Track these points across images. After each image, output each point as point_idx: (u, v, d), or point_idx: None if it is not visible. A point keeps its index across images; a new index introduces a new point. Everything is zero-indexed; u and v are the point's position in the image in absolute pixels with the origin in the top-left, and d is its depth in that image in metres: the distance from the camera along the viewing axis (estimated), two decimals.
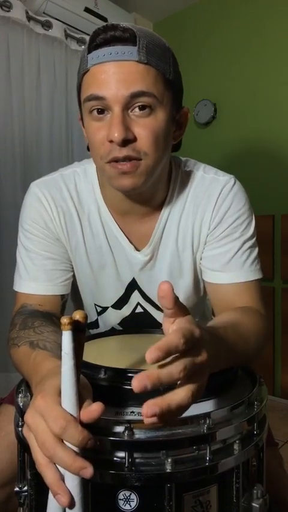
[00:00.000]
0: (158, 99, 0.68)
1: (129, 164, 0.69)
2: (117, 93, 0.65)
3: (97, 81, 0.67)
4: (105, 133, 0.68)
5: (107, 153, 0.69)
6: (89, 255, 0.86)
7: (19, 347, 0.67)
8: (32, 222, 0.82)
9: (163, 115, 0.70)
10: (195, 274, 0.88)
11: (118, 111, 0.66)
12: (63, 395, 0.46)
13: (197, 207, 0.84)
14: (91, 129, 0.70)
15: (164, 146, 0.73)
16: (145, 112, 0.68)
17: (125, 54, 0.65)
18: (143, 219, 0.84)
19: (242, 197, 0.84)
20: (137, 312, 0.91)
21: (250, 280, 0.82)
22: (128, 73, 0.65)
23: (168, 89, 0.71)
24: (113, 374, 0.62)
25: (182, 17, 2.64)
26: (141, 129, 0.68)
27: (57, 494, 0.43)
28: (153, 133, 0.69)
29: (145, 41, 0.66)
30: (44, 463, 0.44)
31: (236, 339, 0.63)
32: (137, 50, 0.65)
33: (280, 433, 1.78)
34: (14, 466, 0.69)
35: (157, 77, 0.68)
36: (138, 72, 0.66)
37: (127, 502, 0.50)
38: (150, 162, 0.70)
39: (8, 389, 0.93)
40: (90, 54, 0.67)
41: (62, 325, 0.45)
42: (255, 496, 0.57)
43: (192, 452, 0.51)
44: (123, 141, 0.66)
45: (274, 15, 2.22)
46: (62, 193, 0.83)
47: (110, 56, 0.65)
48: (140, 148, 0.68)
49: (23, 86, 2.00)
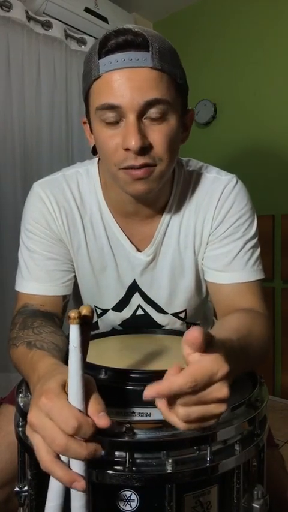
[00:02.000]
0: (171, 104, 0.67)
1: (143, 170, 0.68)
2: (132, 101, 0.64)
3: (110, 88, 0.65)
4: (119, 141, 0.67)
5: (121, 161, 0.68)
6: (91, 257, 0.86)
7: (17, 347, 0.68)
8: (35, 223, 0.82)
9: (175, 120, 0.70)
10: (197, 275, 0.88)
11: (133, 119, 0.65)
12: (70, 388, 0.46)
13: (199, 207, 0.83)
14: (103, 136, 0.69)
15: (176, 150, 0.73)
16: (159, 118, 0.67)
17: (139, 60, 0.64)
18: (145, 221, 0.84)
19: (244, 197, 0.84)
20: (137, 314, 0.91)
21: (252, 281, 0.82)
22: (143, 80, 0.64)
23: (179, 93, 0.70)
24: (114, 374, 0.62)
25: (182, 17, 2.64)
26: (156, 136, 0.67)
27: (73, 482, 0.43)
28: (167, 139, 0.68)
29: (157, 46, 0.65)
30: (50, 459, 0.44)
31: (248, 350, 0.63)
32: (151, 55, 0.64)
33: (280, 433, 1.78)
34: (14, 466, 0.69)
35: (170, 83, 0.67)
36: (153, 79, 0.65)
37: (127, 503, 0.50)
38: (164, 168, 0.70)
39: (8, 389, 0.93)
40: (102, 60, 0.65)
41: (70, 319, 0.46)
42: (256, 497, 0.57)
43: (193, 452, 0.51)
44: (140, 150, 0.65)
45: (274, 15, 2.22)
46: (64, 193, 0.83)
47: (124, 63, 0.64)
48: (155, 155, 0.68)
49: (23, 86, 1.99)
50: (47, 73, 2.11)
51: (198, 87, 2.47)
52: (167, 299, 0.89)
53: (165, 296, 0.88)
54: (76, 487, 0.43)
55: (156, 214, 0.84)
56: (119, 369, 0.62)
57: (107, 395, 0.50)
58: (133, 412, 0.56)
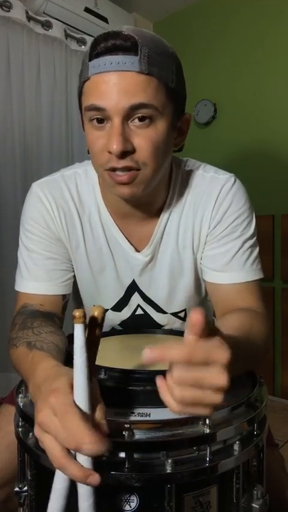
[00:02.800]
0: (158, 110, 0.67)
1: (127, 175, 0.69)
2: (117, 104, 0.64)
3: (98, 91, 0.66)
4: (105, 143, 0.67)
5: (105, 162, 0.69)
6: (89, 257, 0.86)
7: (17, 347, 0.68)
8: (33, 222, 0.82)
9: (163, 125, 0.69)
10: (196, 274, 0.88)
11: (118, 122, 0.65)
12: (76, 388, 0.46)
13: (197, 206, 0.83)
14: (91, 137, 0.70)
15: (164, 155, 0.73)
16: (145, 123, 0.67)
17: (126, 64, 0.64)
18: (143, 221, 0.84)
19: (242, 196, 0.84)
20: (137, 314, 0.91)
21: (251, 280, 0.82)
22: (129, 84, 0.64)
23: (170, 98, 0.70)
24: (113, 374, 0.62)
25: (182, 17, 2.64)
26: (141, 140, 0.67)
27: (87, 477, 0.44)
28: (152, 144, 0.68)
29: (147, 50, 0.64)
30: (63, 456, 0.44)
31: (248, 350, 0.63)
32: (139, 60, 0.64)
33: (280, 433, 1.78)
34: (14, 466, 0.69)
35: (159, 88, 0.66)
36: (139, 84, 0.64)
37: (127, 503, 0.50)
38: (148, 172, 0.70)
39: (8, 389, 0.93)
40: (92, 62, 0.66)
41: (75, 319, 0.45)
42: (255, 497, 0.57)
43: (193, 453, 0.51)
44: (121, 153, 0.66)
45: (274, 15, 2.22)
46: (63, 193, 0.83)
47: (111, 66, 0.64)
48: (138, 159, 0.68)
49: (23, 86, 2.00)
50: (47, 73, 2.11)
51: (198, 87, 2.47)
52: (166, 299, 0.89)
53: (164, 296, 0.88)
54: (91, 481, 0.44)
55: (154, 214, 0.84)
56: (118, 369, 0.62)
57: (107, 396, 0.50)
58: (132, 412, 0.56)
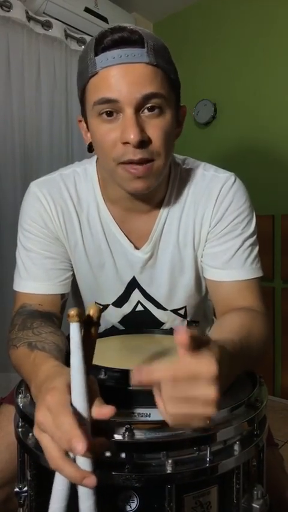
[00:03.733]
0: (166, 99, 0.69)
1: (143, 168, 0.69)
2: (129, 95, 0.66)
3: (108, 84, 0.66)
4: (117, 135, 0.68)
5: (120, 155, 0.69)
6: (88, 255, 0.86)
7: (18, 348, 0.67)
8: (32, 222, 0.83)
9: (170, 115, 0.71)
10: (197, 272, 0.88)
11: (131, 113, 0.66)
12: (73, 388, 0.46)
13: (198, 204, 0.84)
14: (101, 131, 0.70)
15: (172, 145, 0.74)
16: (155, 113, 0.68)
17: (135, 56, 0.65)
18: (143, 217, 0.85)
19: (242, 194, 0.84)
20: (137, 310, 0.91)
21: (251, 279, 0.82)
22: (139, 75, 0.66)
23: (173, 89, 0.72)
24: (113, 374, 0.61)
25: (182, 17, 2.64)
26: (154, 130, 0.69)
27: (83, 479, 0.43)
28: (164, 133, 0.70)
29: (152, 43, 0.67)
30: (60, 456, 0.44)
31: (248, 350, 0.63)
32: (146, 52, 0.66)
33: (280, 433, 1.78)
34: (14, 466, 0.69)
35: (164, 78, 0.69)
36: (149, 74, 0.66)
37: (127, 503, 0.50)
38: (161, 163, 0.71)
39: (8, 389, 0.93)
40: (98, 57, 0.67)
41: (69, 317, 0.45)
42: (256, 497, 0.57)
43: (193, 453, 0.51)
44: (139, 143, 0.66)
45: (274, 15, 2.22)
46: (61, 193, 0.83)
47: (120, 59, 0.65)
48: (153, 149, 0.69)
49: (23, 86, 2.00)
50: (47, 73, 2.11)
51: (198, 87, 2.47)
52: (167, 296, 0.89)
53: (164, 293, 0.89)
54: (87, 483, 0.43)
55: (153, 210, 0.84)
56: (118, 369, 0.62)
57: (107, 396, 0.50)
58: (132, 413, 0.56)
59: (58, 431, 0.44)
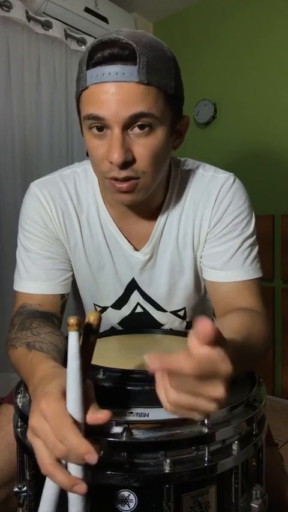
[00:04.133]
0: (158, 118, 0.67)
1: (127, 184, 0.69)
2: (117, 114, 0.64)
3: (97, 101, 0.65)
4: (104, 152, 0.68)
5: (106, 171, 0.69)
6: (88, 256, 0.86)
7: (16, 348, 0.68)
8: (32, 222, 0.83)
9: (162, 132, 0.69)
10: (196, 273, 0.88)
11: (118, 132, 0.65)
12: (69, 396, 0.46)
13: (197, 205, 0.84)
14: (92, 145, 0.70)
15: (163, 161, 0.73)
16: (144, 131, 0.67)
17: (125, 75, 0.63)
18: (142, 220, 0.85)
19: (241, 195, 0.84)
20: (136, 312, 0.91)
21: (251, 279, 0.82)
22: (128, 94, 0.64)
23: (169, 104, 0.69)
24: (112, 374, 0.62)
25: (182, 17, 2.64)
26: (141, 149, 0.67)
27: (74, 486, 0.43)
28: (152, 152, 0.68)
29: (145, 58, 0.64)
30: (51, 463, 0.44)
31: (248, 351, 0.62)
32: (137, 70, 0.63)
33: (280, 433, 1.78)
34: (14, 466, 0.69)
35: (158, 96, 0.66)
36: (139, 94, 0.64)
37: (126, 503, 0.50)
38: (148, 180, 0.71)
39: (8, 389, 0.93)
40: (89, 71, 0.65)
41: (69, 326, 0.45)
42: (255, 497, 0.57)
43: (191, 452, 0.51)
44: (122, 164, 0.66)
45: (274, 15, 2.21)
46: (61, 193, 0.83)
47: (110, 76, 0.63)
48: (138, 168, 0.68)
49: (23, 86, 1.99)
50: (47, 73, 2.11)
51: (198, 87, 2.47)
52: (166, 297, 0.89)
53: (164, 294, 0.89)
54: (77, 490, 0.43)
55: (153, 213, 0.84)
56: (117, 369, 0.62)
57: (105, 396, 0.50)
58: (131, 412, 0.56)
59: (52, 439, 0.44)
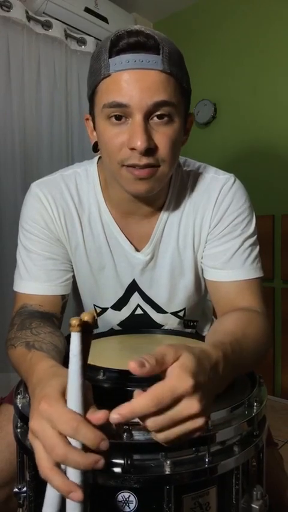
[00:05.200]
0: (176, 107, 0.69)
1: (147, 170, 0.70)
2: (140, 101, 0.65)
3: (119, 88, 0.66)
4: (124, 139, 0.68)
5: (125, 158, 0.69)
6: (89, 256, 0.86)
7: (16, 348, 0.67)
8: (33, 223, 0.82)
9: (179, 123, 0.71)
10: (197, 273, 0.88)
11: (140, 119, 0.66)
12: (70, 396, 0.45)
13: (197, 206, 0.84)
14: (109, 134, 0.70)
15: (178, 152, 0.74)
16: (164, 120, 0.68)
17: (150, 62, 0.65)
18: (143, 220, 0.85)
19: (242, 195, 0.84)
20: (136, 313, 0.91)
21: (251, 278, 0.82)
22: (152, 82, 0.65)
23: (183, 97, 0.72)
24: (112, 375, 0.61)
25: (182, 17, 2.64)
26: (161, 138, 0.69)
27: (70, 492, 0.43)
28: (171, 141, 0.70)
29: (167, 50, 0.66)
30: (50, 467, 0.43)
31: (243, 352, 0.62)
32: (161, 59, 0.65)
33: (280, 433, 1.78)
34: (14, 466, 0.69)
35: (176, 86, 0.68)
36: (161, 82, 0.66)
37: (126, 504, 0.50)
38: (166, 169, 0.72)
39: (8, 389, 0.93)
40: (113, 59, 0.66)
41: (71, 327, 0.45)
42: (255, 497, 0.57)
43: (192, 454, 0.51)
44: (146, 150, 0.67)
45: (274, 15, 2.21)
46: (62, 193, 0.83)
47: (134, 64, 0.65)
48: (159, 157, 0.69)
49: (23, 86, 1.99)
50: (47, 73, 2.11)
51: (198, 87, 2.45)
52: (167, 298, 0.89)
53: (165, 295, 0.89)
54: (73, 497, 0.42)
55: (154, 213, 0.84)
56: (117, 370, 0.62)
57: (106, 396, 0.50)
58: None
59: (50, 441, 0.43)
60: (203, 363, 0.48)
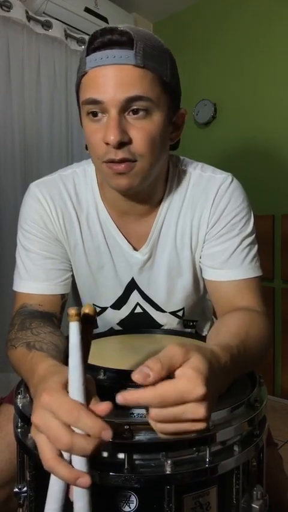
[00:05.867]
0: (154, 102, 0.69)
1: (123, 165, 0.70)
2: (114, 97, 0.66)
3: (95, 84, 0.68)
4: (101, 136, 0.69)
5: (103, 154, 0.70)
6: (88, 256, 0.86)
7: (16, 348, 0.67)
8: (32, 223, 0.83)
9: (159, 117, 0.71)
10: (195, 273, 0.88)
11: (114, 114, 0.67)
12: (71, 387, 0.45)
13: (195, 205, 0.84)
14: (89, 130, 0.72)
15: (160, 148, 0.74)
16: (141, 115, 0.69)
17: (122, 58, 0.66)
18: (141, 219, 0.85)
19: (239, 194, 0.84)
20: (136, 312, 0.91)
21: (250, 278, 0.82)
22: (125, 77, 0.66)
23: (165, 92, 0.71)
24: (113, 375, 0.61)
25: (182, 17, 2.64)
26: (137, 132, 0.69)
27: (77, 479, 0.43)
28: (148, 135, 0.70)
29: (142, 44, 0.67)
30: (54, 457, 0.44)
31: (246, 353, 0.62)
32: (134, 53, 0.66)
33: (280, 433, 1.78)
34: (14, 466, 0.69)
35: (154, 80, 0.68)
36: (135, 76, 0.66)
37: (127, 504, 0.50)
38: (145, 164, 0.71)
39: (8, 389, 0.93)
40: (89, 57, 0.68)
41: (69, 316, 0.45)
42: (255, 497, 0.57)
43: (192, 453, 0.51)
44: (118, 144, 0.67)
45: (274, 15, 2.21)
46: (61, 193, 0.84)
47: (107, 60, 0.66)
48: (135, 151, 0.69)
49: (23, 86, 1.99)
50: (47, 73, 2.11)
51: (198, 87, 2.47)
52: (165, 298, 0.89)
53: (163, 295, 0.89)
54: (81, 483, 0.43)
55: (151, 212, 0.85)
56: (118, 370, 0.62)
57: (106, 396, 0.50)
58: (132, 413, 0.56)
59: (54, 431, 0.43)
60: (214, 368, 0.47)
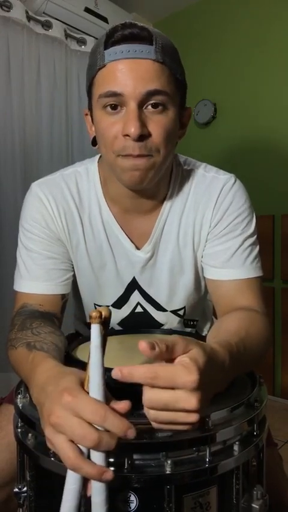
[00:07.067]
0: (170, 97, 0.70)
1: (141, 160, 0.70)
2: (134, 90, 0.67)
3: (114, 77, 0.68)
4: (119, 128, 0.69)
5: (120, 148, 0.70)
6: (90, 255, 0.86)
7: (16, 348, 0.67)
8: (33, 222, 0.83)
9: (173, 113, 0.72)
10: (196, 272, 0.89)
11: (134, 107, 0.68)
12: (92, 387, 0.46)
13: (198, 205, 0.84)
14: (104, 123, 0.72)
15: (172, 144, 0.75)
16: (158, 109, 0.70)
17: (143, 52, 0.67)
18: (144, 217, 0.85)
19: (242, 195, 0.85)
20: (136, 311, 0.91)
21: (251, 278, 0.82)
22: (145, 71, 0.67)
23: (178, 89, 0.73)
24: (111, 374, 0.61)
25: (182, 17, 2.64)
26: (155, 126, 0.70)
27: (102, 474, 0.44)
28: (165, 130, 0.71)
29: (160, 41, 0.69)
30: (76, 456, 0.44)
31: (246, 352, 0.62)
32: (154, 49, 0.67)
33: (280, 433, 1.78)
34: (14, 466, 0.69)
35: (170, 77, 0.70)
36: (155, 71, 0.68)
37: (127, 504, 0.50)
38: (160, 159, 0.72)
39: (8, 389, 0.93)
40: (108, 50, 0.68)
41: (92, 319, 0.47)
42: (255, 497, 0.57)
43: (192, 453, 0.51)
44: (139, 136, 0.68)
45: (274, 16, 2.21)
46: (63, 193, 0.84)
47: (128, 54, 0.67)
48: (152, 145, 0.70)
49: (23, 86, 1.99)
50: (47, 73, 2.11)
51: (198, 87, 2.47)
52: (167, 297, 0.89)
53: (164, 294, 0.89)
54: (106, 477, 0.44)
55: (154, 210, 0.85)
56: None
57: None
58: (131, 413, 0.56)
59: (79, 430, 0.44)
60: (212, 363, 0.48)
